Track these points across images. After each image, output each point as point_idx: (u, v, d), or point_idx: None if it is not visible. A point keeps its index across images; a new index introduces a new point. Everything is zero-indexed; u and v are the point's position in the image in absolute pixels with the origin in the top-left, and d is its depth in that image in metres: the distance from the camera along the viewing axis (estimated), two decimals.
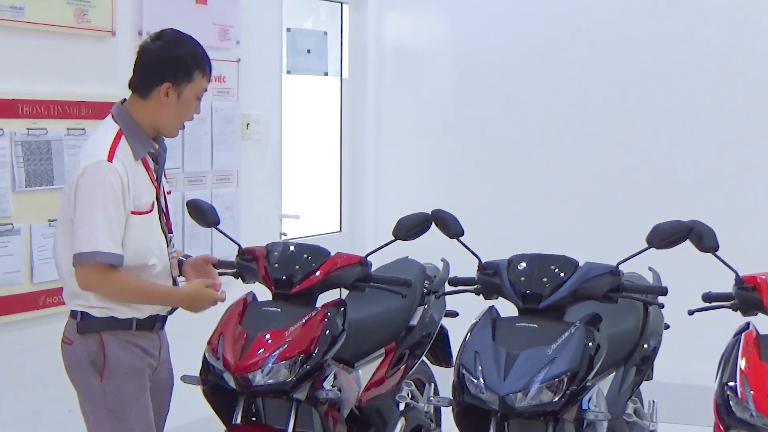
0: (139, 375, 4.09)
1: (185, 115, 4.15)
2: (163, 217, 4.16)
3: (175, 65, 4.08)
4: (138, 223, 4.01)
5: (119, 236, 3.94)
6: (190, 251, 6.01)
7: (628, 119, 7.26)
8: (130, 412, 4.07)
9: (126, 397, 4.06)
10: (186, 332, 5.59)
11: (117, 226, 3.93)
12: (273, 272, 4.65)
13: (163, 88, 4.05)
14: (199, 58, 4.12)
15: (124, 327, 4.06)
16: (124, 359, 4.05)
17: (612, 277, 4.36)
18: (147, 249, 4.05)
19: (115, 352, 4.04)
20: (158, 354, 4.21)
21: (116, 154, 3.96)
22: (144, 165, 4.08)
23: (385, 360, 5.13)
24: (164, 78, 4.05)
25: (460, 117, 7.78)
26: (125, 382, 4.05)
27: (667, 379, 5.94)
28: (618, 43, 7.27)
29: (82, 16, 5.37)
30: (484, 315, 4.36)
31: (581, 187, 7.39)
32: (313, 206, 7.75)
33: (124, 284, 3.99)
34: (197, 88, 4.12)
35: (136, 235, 4.00)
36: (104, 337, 4.03)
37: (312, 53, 7.56)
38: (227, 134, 6.39)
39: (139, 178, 4.04)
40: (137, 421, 4.08)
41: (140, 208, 4.02)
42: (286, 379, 4.32)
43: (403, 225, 4.66)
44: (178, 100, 4.08)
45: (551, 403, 4.03)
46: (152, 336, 4.17)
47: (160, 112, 4.08)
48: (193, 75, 4.09)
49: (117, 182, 3.92)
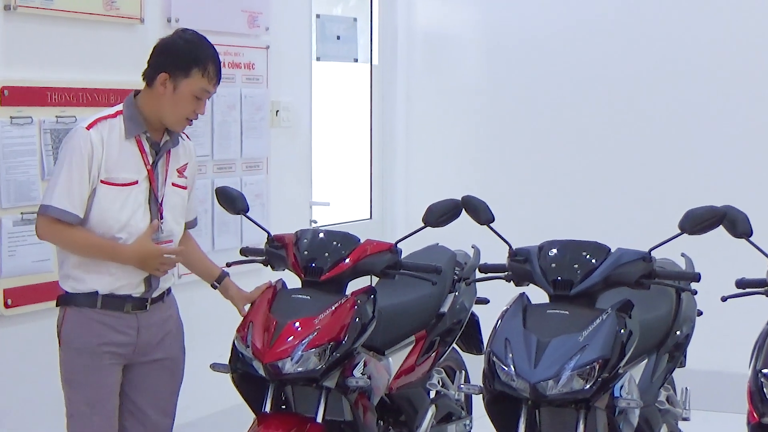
0: (91, 352, 4.22)
1: (182, 110, 4.26)
2: (153, 201, 4.27)
3: (174, 58, 4.24)
4: (107, 193, 4.18)
5: (78, 197, 4.14)
6: (219, 239, 6.07)
7: (661, 103, 7.22)
8: (80, 385, 4.25)
9: (76, 371, 4.25)
10: (215, 320, 5.60)
11: (77, 188, 4.13)
12: (302, 260, 4.63)
13: (160, 78, 4.22)
14: (201, 57, 4.25)
15: (89, 304, 4.22)
16: (78, 335, 4.23)
17: (644, 264, 4.31)
18: (114, 221, 4.20)
19: (71, 326, 4.24)
20: (135, 335, 4.29)
21: (98, 125, 4.19)
22: (138, 145, 4.25)
23: (415, 347, 5.11)
24: (163, 68, 4.23)
25: (491, 103, 7.74)
26: (76, 356, 4.24)
27: (700, 366, 5.89)
28: (649, 25, 7.23)
29: (110, 3, 5.37)
30: (515, 302, 4.33)
31: (613, 172, 7.35)
32: (343, 193, 7.74)
33: (73, 237, 4.18)
34: (194, 85, 4.23)
35: (104, 204, 4.18)
36: (67, 311, 4.26)
37: (342, 40, 7.54)
38: (257, 121, 6.38)
39: (124, 153, 4.21)
40: (87, 395, 4.24)
41: (114, 180, 4.19)
42: (315, 367, 4.30)
43: (433, 212, 4.64)
44: (173, 93, 4.22)
45: (583, 390, 4.00)
46: (125, 316, 4.27)
47: (159, 102, 4.24)
48: (190, 71, 4.22)
49: (87, 148, 4.13)
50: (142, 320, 4.31)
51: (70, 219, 4.14)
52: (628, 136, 7.31)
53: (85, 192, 4.15)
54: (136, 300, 4.28)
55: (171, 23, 5.77)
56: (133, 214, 4.22)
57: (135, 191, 4.23)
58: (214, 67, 4.28)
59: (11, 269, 4.72)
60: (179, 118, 4.27)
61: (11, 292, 4.73)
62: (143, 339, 4.32)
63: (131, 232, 4.22)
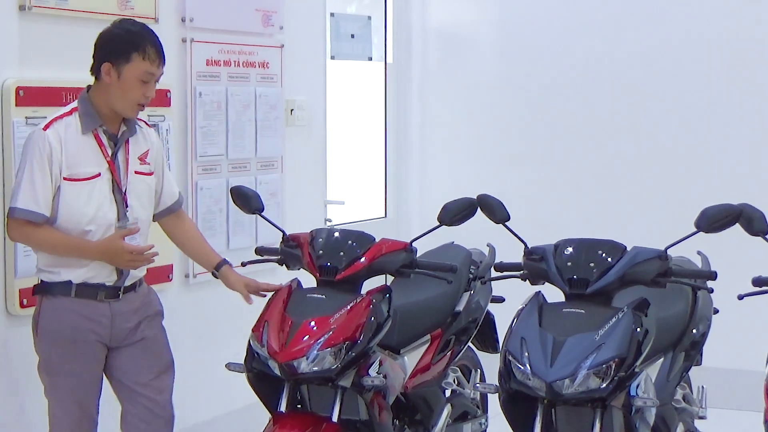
0: (68, 340, 4.35)
1: (130, 96, 4.36)
2: (117, 191, 4.38)
3: (112, 46, 4.36)
4: (70, 189, 4.29)
5: (42, 196, 4.25)
6: (234, 238, 6.06)
7: (675, 101, 7.20)
8: (58, 374, 4.39)
9: (53, 360, 4.38)
10: (230, 319, 5.61)
11: (41, 187, 4.25)
12: (318, 259, 4.63)
13: (104, 68, 4.34)
14: (137, 41, 4.36)
15: (63, 293, 4.35)
16: (52, 324, 4.36)
17: (660, 262, 4.31)
18: (81, 215, 4.31)
19: (46, 316, 4.38)
20: (109, 323, 4.40)
21: (54, 125, 4.31)
22: (96, 139, 4.36)
23: (430, 346, 5.10)
24: (105, 59, 4.35)
25: (505, 101, 7.72)
26: (52, 345, 4.37)
27: (717, 365, 5.87)
28: (663, 24, 7.20)
29: (125, 3, 5.37)
30: (531, 301, 4.32)
31: (629, 170, 7.33)
32: (357, 192, 7.73)
33: (41, 237, 4.32)
34: (137, 69, 4.34)
35: (69, 200, 4.29)
36: (43, 301, 4.40)
37: (356, 38, 7.54)
38: (271, 120, 6.38)
39: (83, 149, 4.33)
40: (64, 382, 4.38)
41: (76, 176, 4.30)
42: (331, 366, 4.30)
43: (448, 210, 4.63)
44: (119, 80, 4.33)
45: (599, 389, 3.99)
46: (98, 305, 4.38)
47: (108, 91, 4.35)
48: (130, 56, 4.33)
49: (45, 148, 4.25)
50: (114, 308, 4.43)
51: (36, 219, 4.27)
52: (643, 134, 7.29)
53: (49, 191, 4.27)
54: (108, 289, 4.41)
55: (185, 22, 5.78)
56: (99, 206, 4.35)
57: (98, 184, 4.35)
58: (153, 49, 4.38)
59: (26, 270, 4.73)
60: (130, 103, 4.37)
61: (27, 292, 4.73)
62: (117, 326, 4.43)
63: (99, 223, 4.34)
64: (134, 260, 4.37)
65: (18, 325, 4.81)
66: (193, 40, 5.84)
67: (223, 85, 6.05)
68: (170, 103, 5.68)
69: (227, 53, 6.07)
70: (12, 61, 4.89)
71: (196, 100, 5.86)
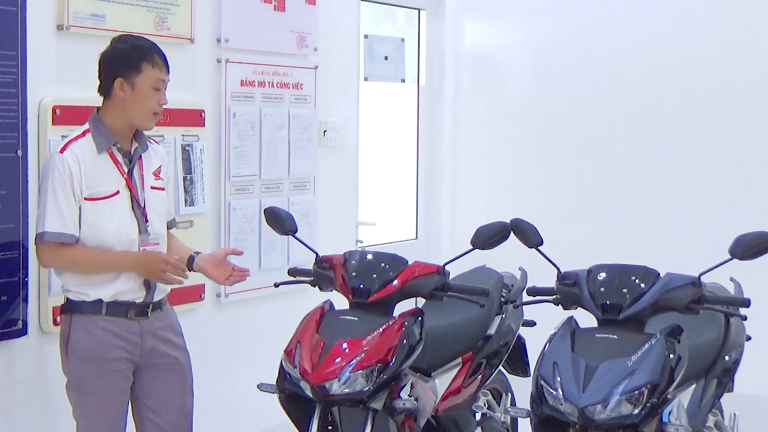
0: (99, 359, 4.37)
1: (146, 105, 4.42)
2: (136, 207, 4.43)
3: (121, 62, 4.40)
4: (92, 209, 4.34)
5: (69, 217, 4.31)
6: (266, 258, 6.07)
7: (713, 127, 7.18)
8: (88, 392, 4.40)
9: (84, 378, 4.40)
10: (262, 340, 5.62)
11: (66, 208, 4.30)
12: (350, 281, 4.64)
13: (117, 84, 4.39)
14: (144, 52, 4.42)
15: (93, 311, 4.38)
16: (84, 342, 4.37)
17: (693, 289, 4.30)
18: (104, 232, 4.36)
19: (77, 334, 4.39)
20: (140, 341, 4.44)
21: (71, 147, 4.35)
22: (111, 158, 4.41)
23: (461, 369, 5.10)
24: (115, 75, 4.39)
25: (538, 125, 7.73)
26: (83, 363, 4.38)
27: (749, 392, 5.85)
28: (699, 48, 7.19)
29: (161, 23, 5.41)
30: (563, 325, 4.31)
31: (662, 196, 7.31)
32: (389, 214, 7.74)
33: (75, 257, 4.35)
34: (149, 78, 4.40)
35: (91, 219, 4.34)
36: (73, 320, 4.41)
37: (389, 60, 7.55)
38: (304, 141, 6.40)
39: (100, 168, 4.37)
40: (94, 401, 4.40)
41: (96, 195, 4.35)
42: (363, 389, 4.30)
43: (481, 234, 4.64)
44: (133, 92, 4.38)
45: (631, 415, 3.98)
46: (129, 323, 4.42)
47: (123, 106, 4.40)
48: (141, 67, 4.39)
49: (65, 171, 4.29)
50: (144, 326, 4.45)
51: (67, 239, 4.31)
52: (677, 160, 7.27)
53: (75, 212, 4.32)
54: (138, 306, 4.43)
55: (221, 43, 5.81)
56: (121, 223, 4.40)
57: (118, 201, 4.40)
58: (159, 56, 4.45)
59: (59, 287, 4.75)
60: (147, 114, 4.43)
61: (60, 310, 4.75)
62: (147, 344, 4.46)
63: (122, 240, 4.39)
64: (168, 272, 4.40)
65: (52, 342, 4.83)
66: (228, 60, 5.87)
67: (257, 105, 6.08)
68: (204, 123, 5.71)
69: (261, 74, 6.10)
70: (49, 80, 4.94)
71: (230, 121, 5.89)
